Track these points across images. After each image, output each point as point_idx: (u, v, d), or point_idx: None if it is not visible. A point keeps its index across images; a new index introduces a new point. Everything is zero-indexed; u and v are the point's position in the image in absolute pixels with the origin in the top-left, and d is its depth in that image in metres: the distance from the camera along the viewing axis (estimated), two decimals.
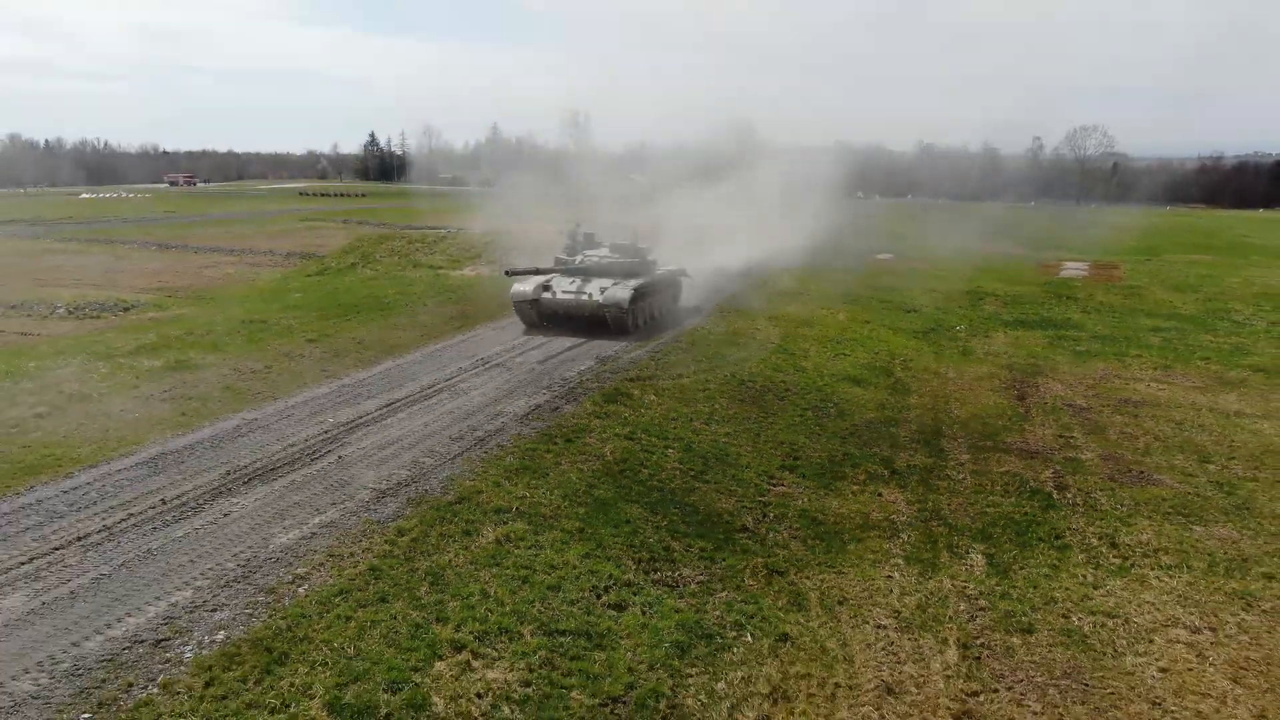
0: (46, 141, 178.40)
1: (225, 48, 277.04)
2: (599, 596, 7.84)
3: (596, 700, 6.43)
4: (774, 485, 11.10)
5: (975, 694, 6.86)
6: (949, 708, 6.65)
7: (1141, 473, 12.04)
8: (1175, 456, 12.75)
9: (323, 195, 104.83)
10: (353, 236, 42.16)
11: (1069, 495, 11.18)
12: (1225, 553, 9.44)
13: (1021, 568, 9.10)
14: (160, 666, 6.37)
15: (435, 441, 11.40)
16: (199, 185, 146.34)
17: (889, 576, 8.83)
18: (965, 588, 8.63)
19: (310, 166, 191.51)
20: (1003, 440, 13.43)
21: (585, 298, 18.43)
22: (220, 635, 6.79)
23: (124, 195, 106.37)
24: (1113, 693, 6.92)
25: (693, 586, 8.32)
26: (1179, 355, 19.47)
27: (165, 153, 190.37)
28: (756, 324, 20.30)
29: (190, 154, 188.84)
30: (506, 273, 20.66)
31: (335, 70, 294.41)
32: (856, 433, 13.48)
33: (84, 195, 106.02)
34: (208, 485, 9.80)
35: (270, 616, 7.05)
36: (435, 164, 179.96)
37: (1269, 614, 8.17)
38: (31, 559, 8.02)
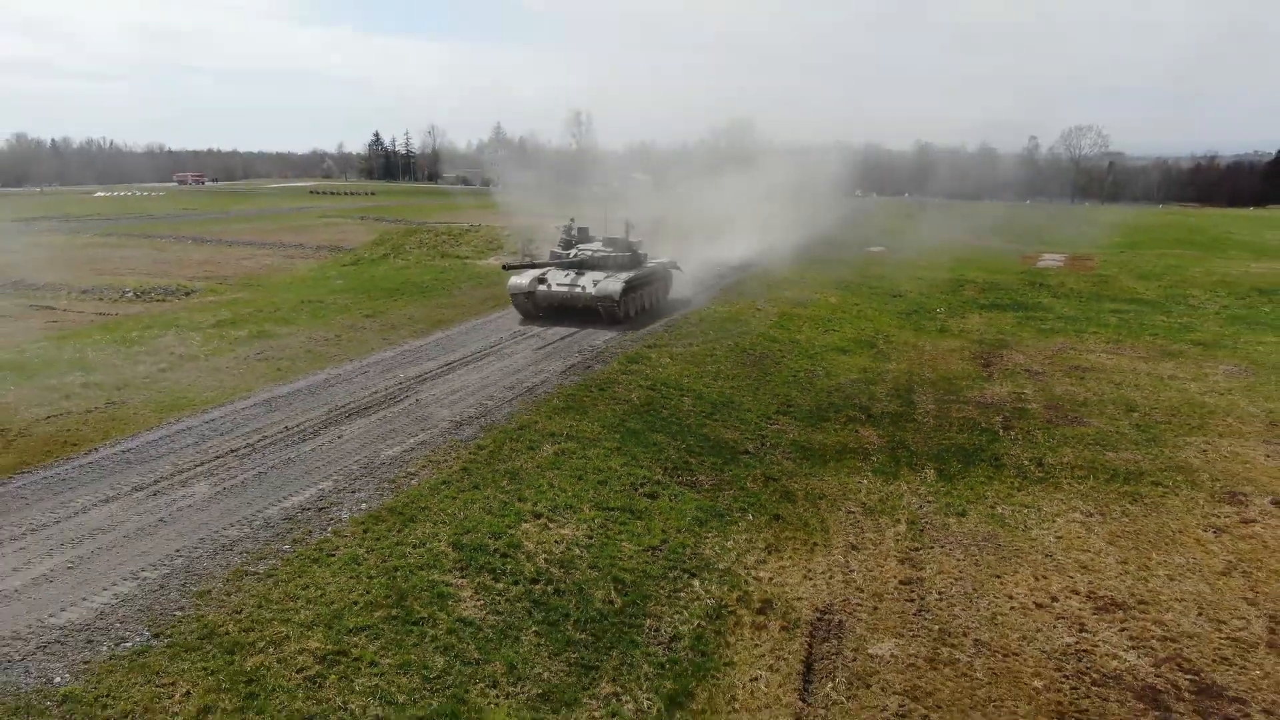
0: (53, 140, 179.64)
1: (225, 47, 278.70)
2: (636, 489, 10.34)
3: (640, 548, 8.93)
4: (770, 424, 13.60)
5: (916, 549, 9.36)
6: (895, 556, 9.15)
7: (1076, 418, 14.53)
8: (1107, 407, 15.23)
9: (333, 194, 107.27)
10: (375, 232, 44.61)
11: (1012, 433, 13.67)
12: (1126, 469, 11.93)
13: (964, 478, 11.59)
14: (327, 522, 8.86)
15: (492, 390, 13.89)
16: (208, 184, 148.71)
17: (859, 482, 11.33)
18: (918, 489, 11.13)
19: (315, 166, 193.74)
20: (964, 395, 15.92)
21: (579, 290, 19.17)
22: (363, 506, 9.29)
23: (139, 194, 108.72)
24: (1018, 550, 9.42)
25: (707, 486, 10.83)
26: (1131, 332, 21.94)
27: (170, 152, 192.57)
28: (756, 305, 22.75)
29: (195, 153, 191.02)
30: (503, 267, 21.53)
31: (335, 70, 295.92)
32: (841, 389, 15.98)
33: (99, 194, 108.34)
34: (318, 418, 12.29)
35: (395, 496, 9.54)
36: (440, 163, 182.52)
37: (1148, 506, 10.66)
38: (201, 463, 10.51)
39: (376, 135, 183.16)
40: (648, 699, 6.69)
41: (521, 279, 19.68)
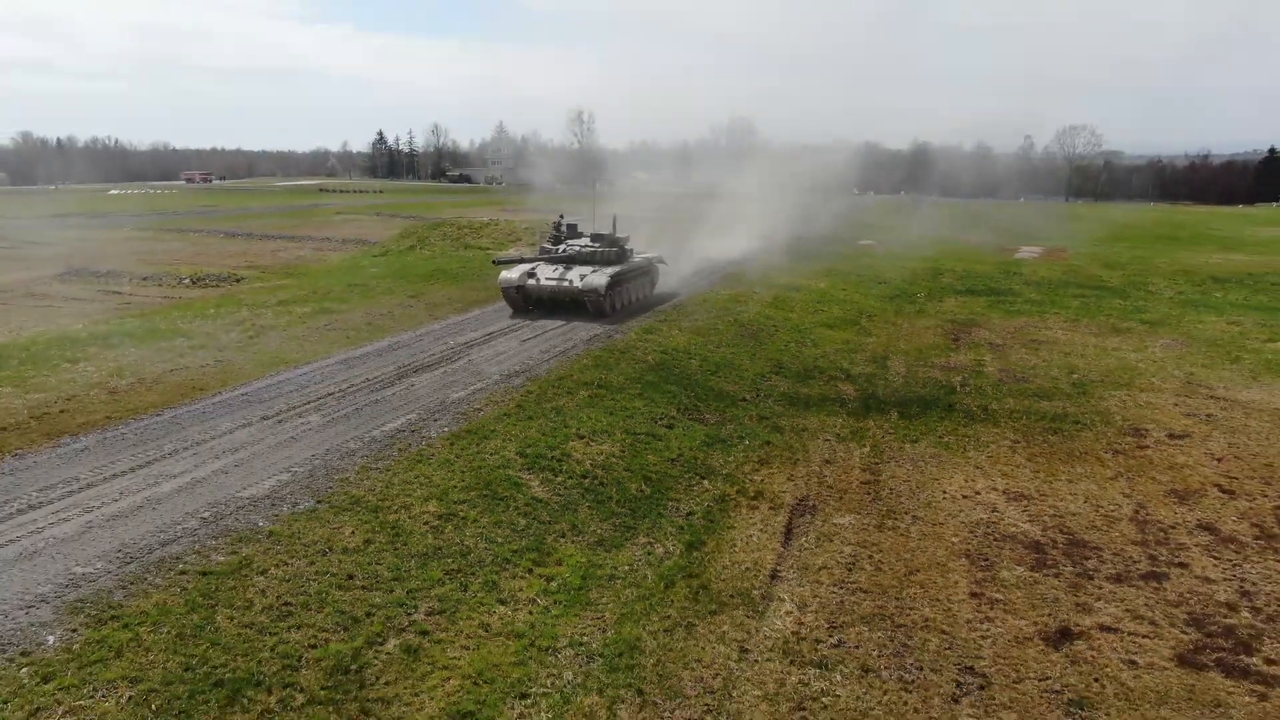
0: (59, 139, 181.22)
1: (225, 46, 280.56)
2: (656, 421, 12.99)
3: (661, 459, 11.57)
4: (764, 381, 16.24)
5: (876, 463, 12.00)
6: (859, 467, 11.79)
7: (1023, 377, 17.17)
8: (1053, 370, 17.87)
9: (341, 192, 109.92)
10: (397, 227, 47.26)
11: (967, 389, 16.30)
12: (1055, 412, 14.58)
13: (921, 418, 14.23)
14: (421, 439, 11.48)
15: (531, 353, 16.53)
16: (215, 182, 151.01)
17: (835, 420, 13.98)
18: (882, 425, 13.78)
19: (320, 165, 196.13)
20: (932, 360, 18.57)
21: (566, 284, 19.74)
22: (445, 429, 11.92)
23: (151, 192, 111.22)
24: (955, 464, 12.05)
25: (712, 421, 13.47)
26: (1088, 312, 24.58)
27: (173, 151, 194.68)
28: (753, 289, 25.36)
29: (198, 152, 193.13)
30: (494, 261, 21.77)
31: (335, 68, 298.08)
32: (825, 355, 18.63)
33: (113, 191, 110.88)
34: (390, 373, 14.92)
35: (468, 423, 12.17)
36: (443, 161, 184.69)
37: (1065, 436, 13.30)
38: (308, 402, 13.13)
39: (380, 134, 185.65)
40: (672, 545, 9.34)
41: (512, 273, 20.29)
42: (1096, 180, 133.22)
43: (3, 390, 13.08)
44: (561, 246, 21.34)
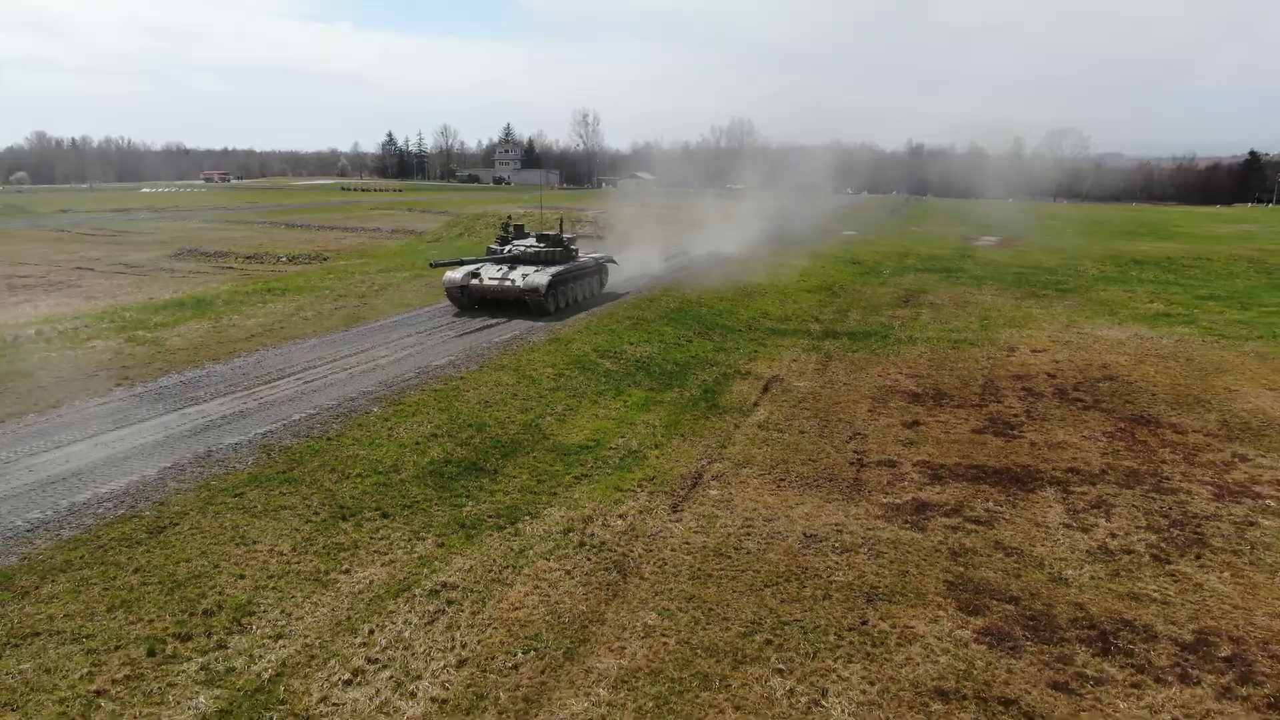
0: (73, 140, 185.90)
1: (225, 45, 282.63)
2: (679, 338, 19.11)
3: (684, 355, 17.71)
4: (754, 321, 22.35)
5: (826, 362, 18.12)
6: (814, 365, 17.92)
7: (946, 322, 23.26)
8: (971, 319, 23.94)
9: (363, 190, 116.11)
10: (435, 221, 53.37)
11: (902, 328, 22.39)
12: (960, 338, 20.65)
13: (863, 341, 20.32)
14: (527, 341, 17.57)
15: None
16: (232, 181, 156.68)
17: (802, 342, 20.10)
18: (835, 346, 19.89)
19: (330, 164, 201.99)
20: (882, 313, 24.68)
21: (509, 283, 20.25)
22: (541, 338, 17.99)
23: (180, 190, 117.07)
24: (879, 361, 18.13)
25: (717, 339, 19.61)
26: (1019, 284, 30.65)
27: (186, 151, 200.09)
28: (749, 267, 31.45)
29: (209, 152, 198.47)
30: (431, 264, 21.72)
31: (334, 67, 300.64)
32: (802, 309, 24.74)
33: (144, 189, 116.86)
34: (480, 322, 21.02)
35: (555, 336, 18.23)
36: (452, 161, 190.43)
37: (959, 350, 19.37)
38: (436, 328, 19.22)
39: (390, 135, 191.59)
40: (694, 392, 15.43)
41: (455, 274, 20.68)
42: (1084, 182, 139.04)
43: (235, 317, 19.21)
44: (508, 247, 21.98)
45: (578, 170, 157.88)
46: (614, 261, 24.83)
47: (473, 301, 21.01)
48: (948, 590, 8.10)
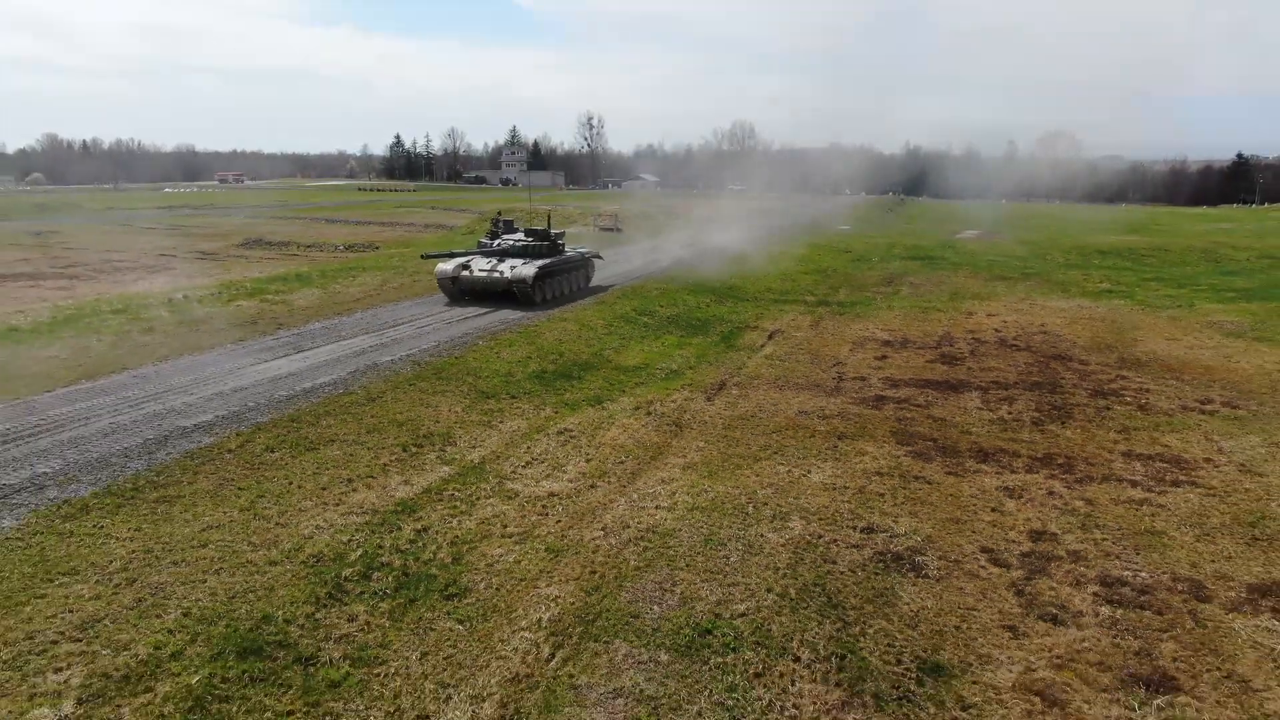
0: (84, 142, 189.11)
1: (225, 46, 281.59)
2: (699, 305, 23.50)
3: (706, 314, 22.12)
4: (760, 293, 26.73)
5: (818, 321, 22.50)
6: (808, 323, 22.31)
7: (921, 297, 27.62)
8: (942, 294, 28.30)
9: (379, 190, 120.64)
10: (461, 217, 57.75)
11: (883, 300, 26.75)
12: (927, 305, 25.02)
13: (850, 307, 24.69)
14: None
15: (608, 278, 26.99)
16: (247, 183, 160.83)
17: (799, 308, 24.48)
18: (826, 310, 24.26)
19: (339, 166, 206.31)
20: (868, 290, 29.06)
21: (497, 275, 21.34)
22: (589, 301, 22.35)
23: (202, 190, 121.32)
24: (861, 320, 22.51)
25: (730, 303, 24.00)
26: (988, 269, 35.00)
27: (195, 152, 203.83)
28: (754, 255, 35.83)
29: (218, 154, 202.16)
30: (423, 256, 23.02)
31: (335, 69, 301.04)
32: (799, 286, 29.12)
33: (167, 189, 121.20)
34: None
35: (601, 298, 22.58)
36: (459, 163, 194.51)
37: (925, 313, 23.75)
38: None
39: (398, 137, 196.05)
40: (715, 338, 19.79)
41: (447, 265, 21.84)
42: (1078, 183, 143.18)
43: (336, 287, 23.60)
44: (497, 241, 23.22)
45: (581, 172, 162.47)
46: (599, 257, 26.39)
47: (463, 292, 21.97)
48: (890, 434, 12.46)
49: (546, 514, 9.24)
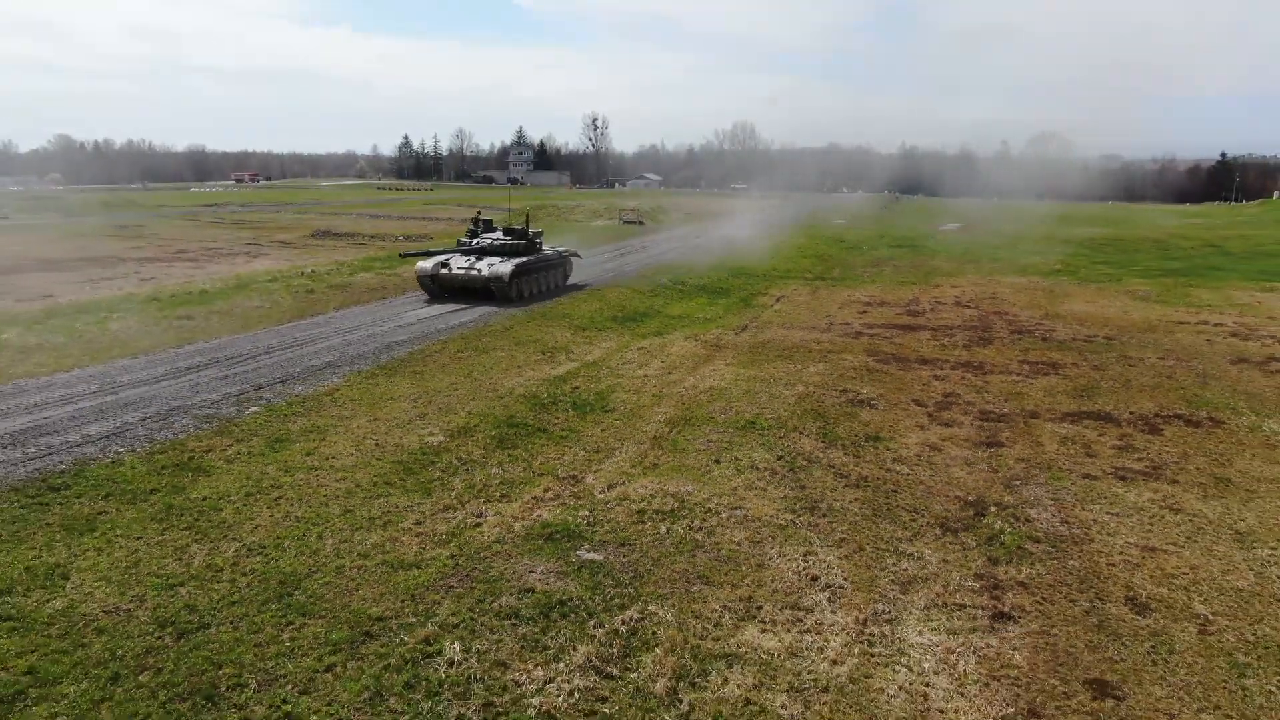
0: (96, 143, 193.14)
1: (225, 47, 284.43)
2: (719, 278, 29.30)
3: (726, 285, 27.92)
4: (768, 274, 32.48)
5: (815, 291, 28.28)
6: (805, 294, 28.08)
7: (899, 274, 33.36)
8: (918, 273, 34.02)
9: (396, 189, 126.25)
10: (492, 214, 63.43)
11: (869, 278, 32.50)
12: (909, 279, 30.77)
13: (843, 280, 30.44)
14: (596, 286, 27.66)
15: (642, 260, 32.75)
16: (263, 182, 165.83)
17: (799, 283, 30.26)
18: (820, 286, 30.03)
19: (348, 166, 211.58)
20: (858, 271, 34.82)
21: (475, 273, 21.86)
22: (609, 280, 28.09)
23: (224, 189, 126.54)
24: (852, 288, 28.25)
25: (744, 280, 29.78)
26: (962, 255, 40.73)
27: (206, 153, 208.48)
28: (760, 243, 41.58)
29: (229, 154, 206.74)
30: (401, 255, 24.17)
31: (335, 70, 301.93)
32: (798, 267, 34.90)
33: (193, 189, 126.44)
34: (598, 258, 31.14)
35: (618, 279, 28.32)
36: (466, 163, 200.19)
37: (903, 283, 29.50)
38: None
39: (406, 138, 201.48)
40: (736, 300, 25.54)
41: (426, 264, 22.38)
42: (1069, 182, 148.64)
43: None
44: (476, 240, 23.76)
45: (586, 172, 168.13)
46: (578, 255, 27.49)
47: (443, 290, 22.47)
48: (864, 350, 18.22)
49: (647, 382, 15.01)
